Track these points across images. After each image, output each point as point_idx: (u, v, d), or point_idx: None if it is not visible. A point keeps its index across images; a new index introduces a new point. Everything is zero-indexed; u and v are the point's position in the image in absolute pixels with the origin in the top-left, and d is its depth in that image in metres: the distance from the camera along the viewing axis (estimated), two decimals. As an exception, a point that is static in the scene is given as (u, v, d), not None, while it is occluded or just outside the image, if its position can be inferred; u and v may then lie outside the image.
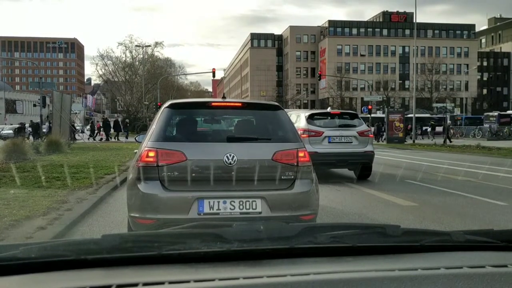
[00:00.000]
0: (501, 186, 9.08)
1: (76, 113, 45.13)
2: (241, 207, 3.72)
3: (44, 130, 29.49)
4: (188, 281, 0.92)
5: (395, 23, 77.11)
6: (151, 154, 3.77)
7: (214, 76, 40.34)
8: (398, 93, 69.21)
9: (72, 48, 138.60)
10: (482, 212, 6.40)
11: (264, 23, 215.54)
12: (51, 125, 31.63)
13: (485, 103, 73.57)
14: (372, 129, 32.45)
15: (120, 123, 35.16)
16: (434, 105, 52.35)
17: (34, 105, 33.48)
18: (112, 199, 7.36)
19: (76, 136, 30.05)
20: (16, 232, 4.71)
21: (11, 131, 34.77)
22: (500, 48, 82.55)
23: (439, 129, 35.63)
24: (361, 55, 75.51)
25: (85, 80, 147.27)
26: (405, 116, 31.36)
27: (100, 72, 52.39)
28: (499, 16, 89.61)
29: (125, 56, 51.89)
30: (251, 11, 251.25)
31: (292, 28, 79.50)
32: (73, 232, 5.11)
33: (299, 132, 4.67)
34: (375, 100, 43.99)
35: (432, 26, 77.70)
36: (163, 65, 56.72)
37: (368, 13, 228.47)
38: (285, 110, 4.62)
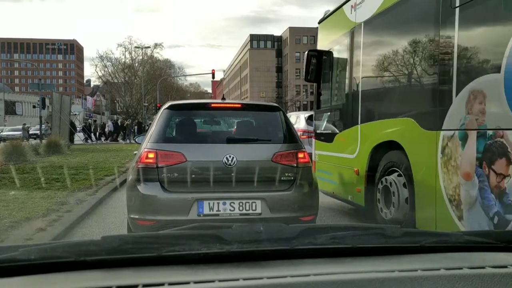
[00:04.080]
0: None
1: (75, 114, 45.09)
2: (241, 208, 3.73)
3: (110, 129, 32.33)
4: (188, 283, 0.92)
5: (395, 24, 77.15)
6: (151, 155, 3.77)
7: (213, 77, 40.41)
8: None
9: (71, 50, 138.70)
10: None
11: (266, 24, 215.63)
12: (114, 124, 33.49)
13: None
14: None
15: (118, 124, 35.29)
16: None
17: (34, 107, 33.51)
18: (112, 201, 7.36)
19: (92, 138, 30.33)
20: (16, 234, 4.71)
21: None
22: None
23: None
24: (361, 56, 75.52)
25: (85, 82, 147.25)
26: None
27: (100, 74, 52.35)
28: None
29: (125, 57, 51.86)
30: (252, 12, 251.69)
31: (291, 29, 79.61)
32: (72, 233, 5.12)
33: (298, 133, 4.68)
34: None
35: (431, 27, 77.78)
36: (163, 66, 56.68)
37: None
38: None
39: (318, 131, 7.05)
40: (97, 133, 34.12)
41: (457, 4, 3.65)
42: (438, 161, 3.88)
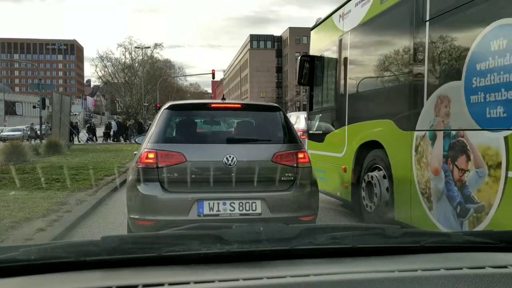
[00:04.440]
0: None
1: (75, 114, 45.10)
2: (241, 208, 3.73)
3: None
4: (188, 283, 0.92)
5: (395, 24, 77.10)
6: (151, 155, 3.77)
7: (213, 77, 40.38)
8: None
9: (71, 50, 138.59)
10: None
11: (266, 24, 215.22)
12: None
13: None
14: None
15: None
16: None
17: (34, 107, 33.51)
18: (112, 201, 7.36)
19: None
20: (16, 234, 4.71)
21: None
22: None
23: None
24: (361, 56, 75.47)
25: (85, 82, 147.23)
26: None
27: (100, 74, 52.36)
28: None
29: (125, 57, 51.84)
30: (252, 12, 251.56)
31: (291, 29, 79.58)
32: (72, 233, 5.11)
33: (298, 133, 4.68)
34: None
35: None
36: (163, 66, 56.66)
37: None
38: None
39: (310, 132, 7.55)
40: (102, 133, 34.47)
41: (427, 18, 4.10)
42: (413, 159, 4.33)
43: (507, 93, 3.11)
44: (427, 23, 4.10)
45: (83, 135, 31.00)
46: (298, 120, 12.41)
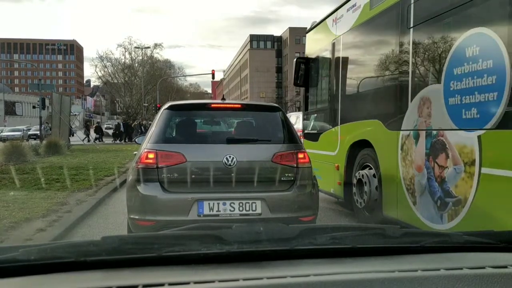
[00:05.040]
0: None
1: (75, 114, 45.08)
2: (240, 208, 3.73)
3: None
4: (188, 283, 0.92)
5: (394, 24, 77.13)
6: (151, 155, 3.77)
7: (213, 77, 40.37)
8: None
9: (71, 50, 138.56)
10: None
11: (266, 24, 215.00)
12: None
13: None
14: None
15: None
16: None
17: (34, 107, 33.48)
18: (112, 201, 7.36)
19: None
20: (16, 234, 4.71)
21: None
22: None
23: None
24: (361, 57, 75.45)
25: (85, 82, 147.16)
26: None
27: (100, 74, 52.34)
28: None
29: (124, 57, 51.82)
30: (252, 12, 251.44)
31: (291, 30, 79.58)
32: (72, 234, 5.11)
33: (298, 134, 4.68)
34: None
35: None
36: (163, 66, 56.63)
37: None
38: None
39: (306, 131, 7.85)
40: (112, 134, 35.02)
41: (411, 25, 4.37)
42: (399, 157, 4.59)
43: (479, 96, 3.38)
44: (411, 29, 4.38)
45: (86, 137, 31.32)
46: (298, 120, 12.42)
